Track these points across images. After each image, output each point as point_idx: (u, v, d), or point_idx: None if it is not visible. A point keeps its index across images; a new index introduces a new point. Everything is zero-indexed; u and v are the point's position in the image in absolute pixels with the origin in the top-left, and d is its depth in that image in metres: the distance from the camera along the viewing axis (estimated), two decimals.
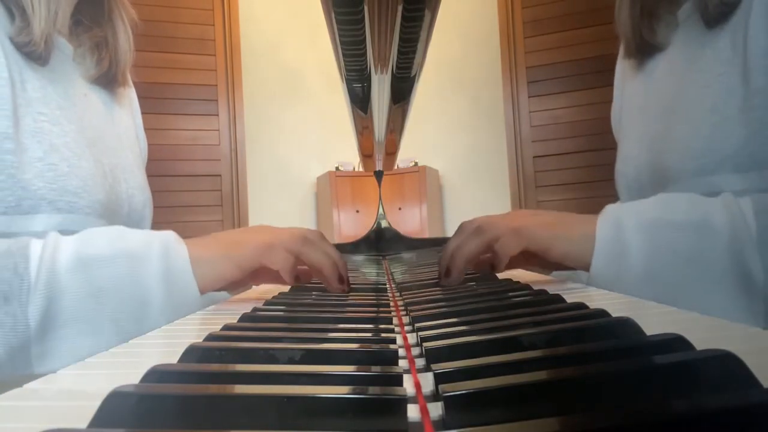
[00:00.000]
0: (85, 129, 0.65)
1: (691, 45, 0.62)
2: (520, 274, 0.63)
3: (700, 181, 0.56)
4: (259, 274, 0.56)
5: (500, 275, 0.58)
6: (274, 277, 0.56)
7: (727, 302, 0.42)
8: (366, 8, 0.39)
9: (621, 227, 0.48)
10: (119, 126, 0.75)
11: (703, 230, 0.43)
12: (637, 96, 0.73)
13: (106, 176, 0.66)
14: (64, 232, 0.51)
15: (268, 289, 0.67)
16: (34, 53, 0.59)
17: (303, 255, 0.54)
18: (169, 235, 0.51)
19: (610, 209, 0.51)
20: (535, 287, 0.46)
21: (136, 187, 0.73)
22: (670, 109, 0.63)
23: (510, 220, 0.54)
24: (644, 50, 0.70)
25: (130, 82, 0.83)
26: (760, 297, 0.41)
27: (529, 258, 0.55)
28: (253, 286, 0.70)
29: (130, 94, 0.83)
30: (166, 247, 0.49)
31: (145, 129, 0.85)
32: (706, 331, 0.28)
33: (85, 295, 0.44)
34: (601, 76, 2.89)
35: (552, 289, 0.43)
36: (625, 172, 0.73)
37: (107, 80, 0.73)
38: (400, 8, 0.39)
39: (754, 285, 0.41)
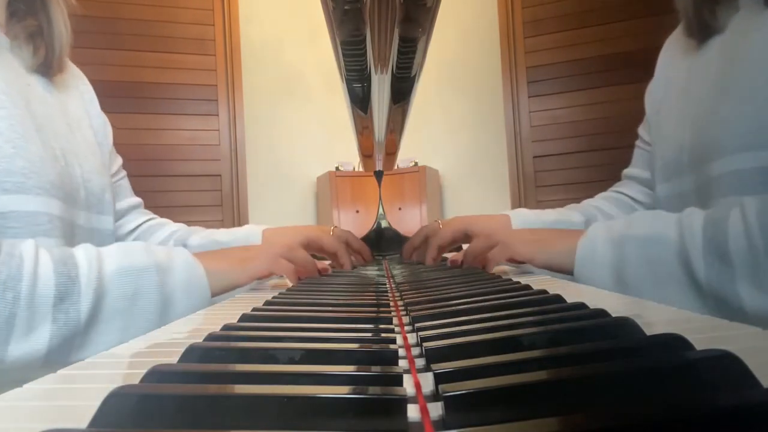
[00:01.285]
0: (31, 115, 0.65)
1: (747, 26, 0.64)
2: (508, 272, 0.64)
3: (747, 156, 0.59)
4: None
5: (497, 273, 0.58)
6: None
7: (679, 299, 0.52)
8: (366, 8, 0.39)
9: (594, 240, 0.61)
10: (68, 113, 0.76)
11: (658, 242, 0.54)
12: (686, 76, 0.75)
13: (58, 159, 0.67)
14: (16, 211, 0.58)
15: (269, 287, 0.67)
16: None
17: (298, 260, 0.72)
18: (187, 253, 0.63)
19: (591, 228, 0.63)
20: (536, 287, 0.46)
21: (92, 171, 0.74)
22: (719, 88, 0.65)
23: (501, 234, 0.72)
24: (703, 32, 0.72)
25: (78, 72, 0.83)
26: (703, 295, 0.50)
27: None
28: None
29: (79, 86, 0.83)
30: (187, 262, 0.61)
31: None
32: (706, 331, 0.28)
33: (123, 297, 0.54)
34: (601, 76, 2.90)
35: (550, 288, 0.43)
36: (663, 154, 0.75)
37: (46, 68, 0.73)
38: (400, 8, 0.39)
39: (699, 286, 0.50)
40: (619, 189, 0.91)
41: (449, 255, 0.89)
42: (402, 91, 0.58)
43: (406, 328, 0.36)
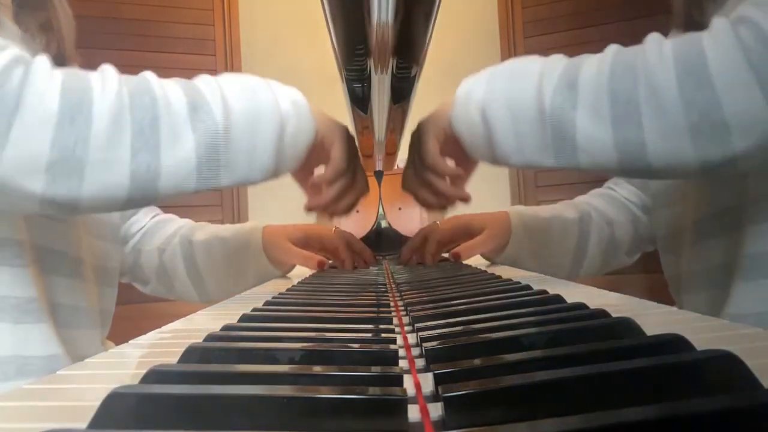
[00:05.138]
0: None
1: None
2: (507, 271, 0.63)
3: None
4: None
5: (502, 274, 0.59)
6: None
7: (527, 131, 0.53)
8: (366, 8, 0.39)
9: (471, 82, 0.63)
10: None
11: (521, 75, 0.58)
12: None
13: None
14: None
15: (269, 288, 0.67)
16: None
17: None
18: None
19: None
20: (536, 287, 0.46)
21: None
22: None
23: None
24: (692, 28, 0.70)
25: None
26: (545, 124, 0.52)
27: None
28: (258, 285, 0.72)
29: None
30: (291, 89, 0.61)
31: None
32: (706, 331, 0.28)
33: (247, 111, 0.53)
34: None
35: (550, 288, 0.43)
36: None
37: (59, 62, 0.72)
38: (400, 7, 0.39)
39: (544, 112, 0.52)
40: (612, 187, 0.90)
41: (445, 254, 0.89)
42: (402, 91, 0.58)
43: (406, 328, 0.36)
